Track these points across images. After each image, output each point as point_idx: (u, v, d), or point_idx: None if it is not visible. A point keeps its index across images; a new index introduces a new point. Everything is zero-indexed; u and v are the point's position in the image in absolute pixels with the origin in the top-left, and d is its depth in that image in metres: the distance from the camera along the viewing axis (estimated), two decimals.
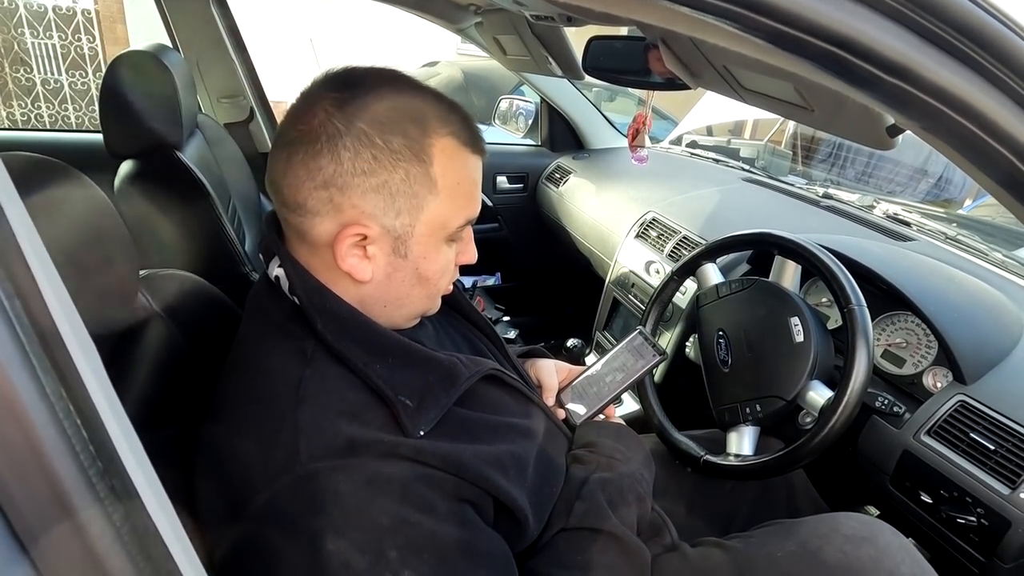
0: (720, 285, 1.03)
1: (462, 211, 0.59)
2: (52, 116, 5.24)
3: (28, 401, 0.21)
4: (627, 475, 0.70)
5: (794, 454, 0.82)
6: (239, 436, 0.53)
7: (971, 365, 0.88)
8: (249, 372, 0.57)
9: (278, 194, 0.57)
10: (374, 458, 0.51)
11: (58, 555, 0.23)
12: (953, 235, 1.27)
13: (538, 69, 1.33)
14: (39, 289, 0.24)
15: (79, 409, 0.23)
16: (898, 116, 0.44)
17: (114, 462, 0.24)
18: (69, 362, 0.23)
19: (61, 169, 0.55)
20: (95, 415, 0.23)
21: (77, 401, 0.23)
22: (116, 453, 0.24)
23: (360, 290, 0.58)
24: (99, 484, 0.22)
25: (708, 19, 0.35)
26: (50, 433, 0.22)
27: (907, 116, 0.44)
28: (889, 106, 0.43)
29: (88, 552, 0.23)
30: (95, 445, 0.23)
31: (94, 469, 0.22)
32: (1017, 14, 0.41)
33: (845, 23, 0.36)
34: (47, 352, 0.23)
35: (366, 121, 0.53)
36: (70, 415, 0.23)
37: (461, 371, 0.59)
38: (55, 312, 0.24)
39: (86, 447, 0.22)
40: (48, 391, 0.22)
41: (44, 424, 0.21)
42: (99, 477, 0.22)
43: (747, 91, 0.76)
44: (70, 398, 0.23)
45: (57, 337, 0.23)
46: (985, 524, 0.78)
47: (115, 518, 0.22)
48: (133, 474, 0.24)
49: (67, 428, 0.22)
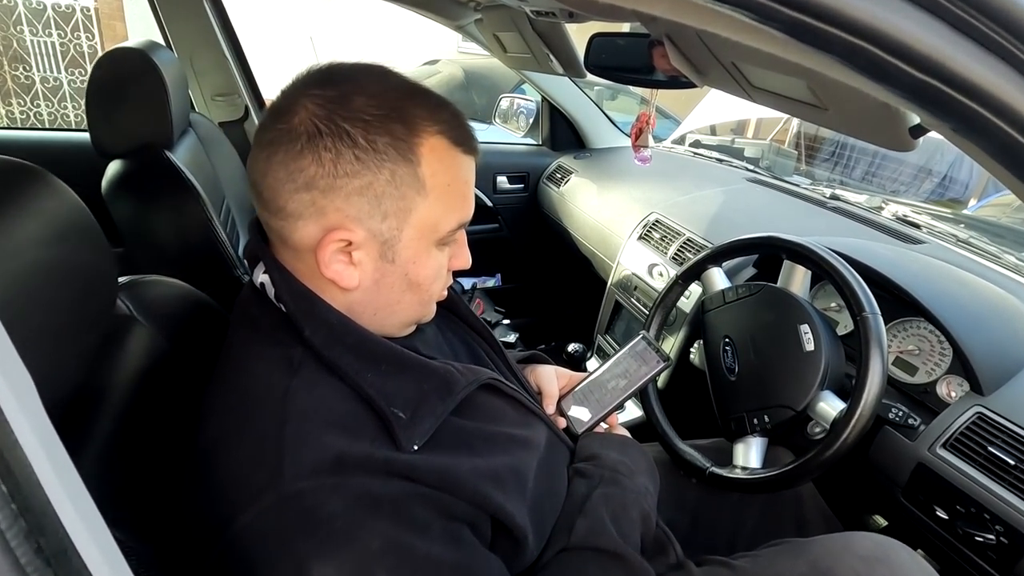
0: (726, 290, 1.00)
1: (454, 214, 0.56)
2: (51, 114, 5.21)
3: None
4: (632, 490, 0.67)
5: (803, 468, 0.79)
6: (222, 452, 0.50)
7: (988, 375, 0.84)
8: (234, 383, 0.55)
9: (258, 197, 0.54)
10: (364, 475, 0.48)
11: None
12: (964, 237, 1.24)
13: (539, 67, 1.30)
14: None
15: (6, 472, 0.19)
16: (926, 116, 0.40)
17: (46, 518, 0.20)
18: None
19: (32, 172, 0.52)
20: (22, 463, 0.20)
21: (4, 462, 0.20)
22: (50, 507, 0.21)
23: (348, 297, 0.55)
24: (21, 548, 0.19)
25: (720, 8, 0.32)
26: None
27: (936, 117, 0.40)
28: (917, 105, 0.39)
29: None
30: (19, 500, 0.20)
31: (15, 529, 0.19)
32: None
33: (872, 13, 0.33)
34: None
35: (349, 120, 0.49)
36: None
37: (457, 380, 0.56)
38: None
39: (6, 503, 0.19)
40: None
41: None
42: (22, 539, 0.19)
43: (756, 89, 0.72)
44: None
45: None
46: (1004, 542, 0.75)
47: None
48: (73, 530, 0.21)
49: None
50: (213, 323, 0.73)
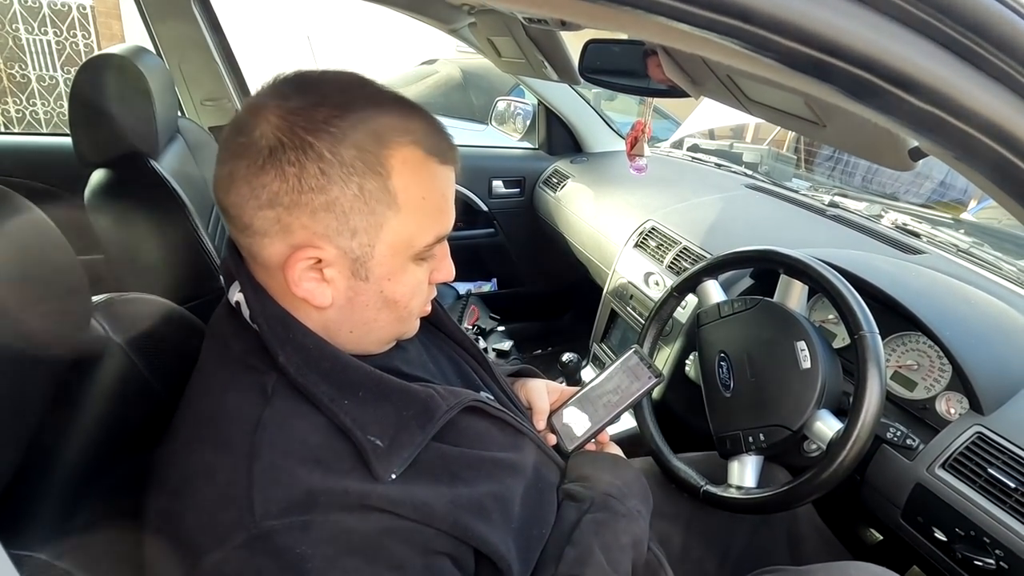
0: (722, 304, 0.98)
1: (429, 228, 0.53)
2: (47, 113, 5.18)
3: None
4: (623, 515, 0.65)
5: (799, 490, 0.77)
6: (189, 489, 0.48)
7: (989, 394, 0.83)
8: (203, 412, 0.53)
9: (224, 213, 0.52)
10: (338, 511, 0.46)
11: None
12: (965, 247, 1.22)
13: (533, 72, 1.27)
14: None
15: None
16: (927, 144, 0.38)
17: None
18: None
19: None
20: None
21: None
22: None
23: (322, 315, 0.53)
24: None
25: (712, 37, 0.30)
26: None
27: (938, 144, 0.38)
28: (919, 133, 0.38)
29: None
30: None
31: None
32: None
33: (873, 42, 0.31)
34: None
35: (313, 132, 0.47)
36: None
37: (438, 404, 0.54)
38: None
39: None
40: None
41: None
42: None
43: (753, 102, 0.71)
44: None
45: None
46: (1005, 568, 0.73)
47: None
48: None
49: None
50: (192, 341, 0.71)
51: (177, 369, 0.66)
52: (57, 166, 1.20)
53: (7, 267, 0.49)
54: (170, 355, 0.67)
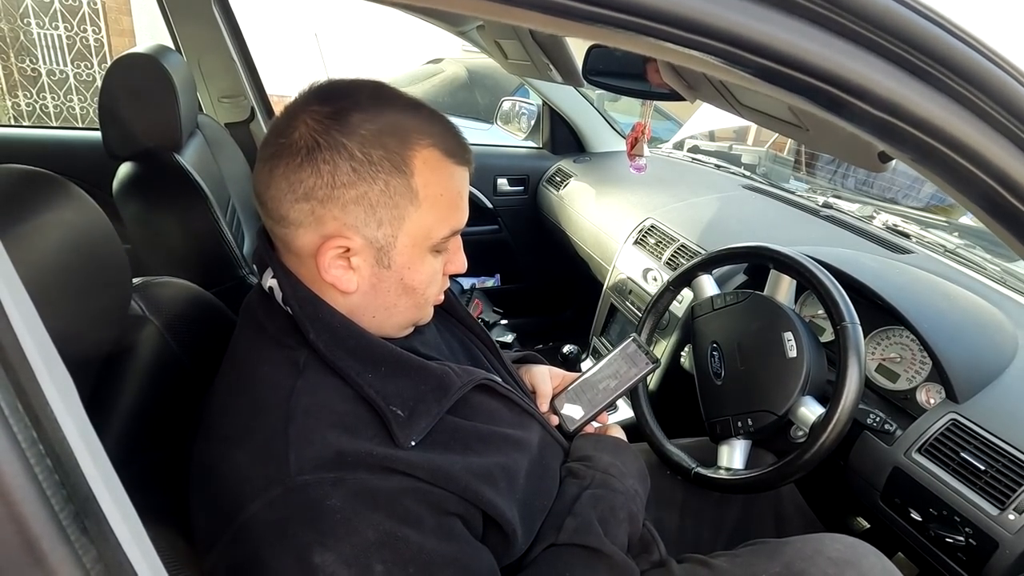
0: (715, 297, 1.03)
1: (445, 222, 0.59)
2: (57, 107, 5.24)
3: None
4: (621, 492, 0.69)
5: (783, 470, 0.82)
6: (231, 448, 0.54)
7: (963, 384, 0.88)
8: (241, 383, 0.58)
9: (263, 206, 0.57)
10: (364, 471, 0.52)
11: None
12: (952, 248, 1.27)
13: (539, 74, 1.32)
14: (7, 319, 0.23)
15: (51, 450, 0.23)
16: (888, 148, 0.43)
17: (89, 502, 0.24)
18: (42, 400, 0.24)
19: (52, 181, 0.55)
20: (69, 455, 0.24)
21: (49, 442, 0.23)
22: (91, 493, 0.24)
23: (348, 300, 0.59)
24: (71, 527, 0.22)
25: (693, 53, 0.35)
26: (13, 470, 0.22)
27: (897, 148, 0.44)
28: (879, 138, 0.43)
29: None
30: (68, 487, 0.23)
31: (67, 512, 0.23)
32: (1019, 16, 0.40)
33: (832, 59, 0.36)
34: (17, 391, 0.23)
35: (346, 134, 0.53)
36: (40, 454, 0.23)
37: (453, 380, 0.59)
38: (21, 335, 0.24)
39: (59, 489, 0.23)
40: (16, 432, 0.22)
41: (12, 467, 0.22)
42: (72, 520, 0.23)
43: (744, 107, 0.76)
44: (41, 439, 0.23)
45: (24, 363, 0.23)
46: (973, 544, 0.78)
47: (86, 560, 0.23)
48: (109, 514, 0.24)
49: (38, 471, 0.22)
50: (219, 323, 0.76)
51: (205, 347, 0.72)
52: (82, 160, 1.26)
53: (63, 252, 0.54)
54: (198, 335, 0.73)
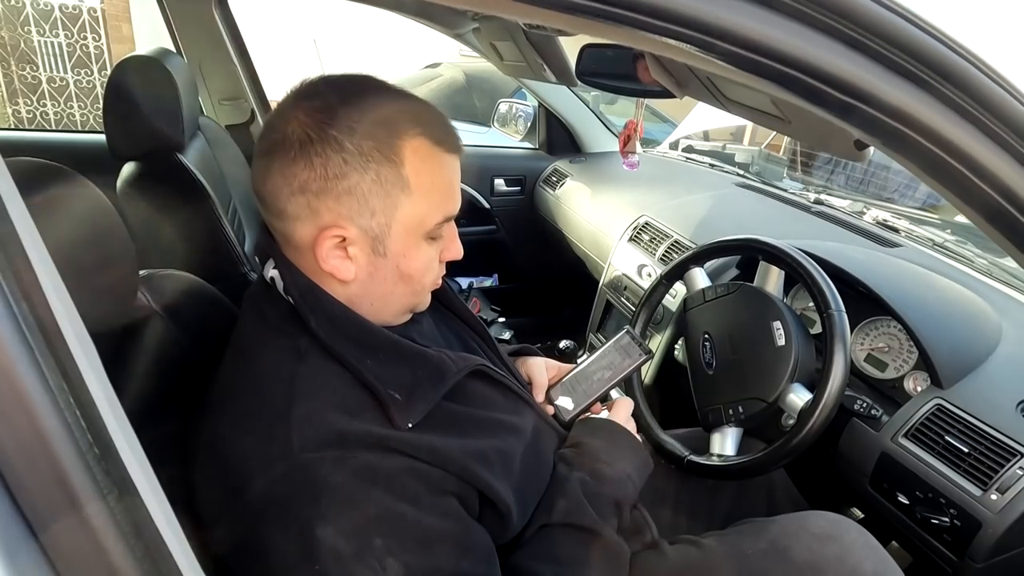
0: (707, 289, 1.06)
1: (438, 209, 0.60)
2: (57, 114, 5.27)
3: (34, 394, 0.24)
4: (610, 479, 0.71)
5: (773, 455, 0.85)
6: (236, 429, 0.56)
7: (948, 370, 0.90)
8: (245, 369, 0.60)
9: (262, 202, 0.59)
10: (364, 450, 0.53)
11: (60, 533, 0.25)
12: (940, 242, 1.29)
13: (533, 75, 1.35)
14: (43, 291, 0.26)
15: (79, 401, 0.25)
16: (858, 132, 0.46)
17: (110, 449, 0.26)
18: (70, 359, 0.26)
19: (64, 173, 0.57)
20: (93, 407, 0.26)
21: (77, 394, 0.25)
22: (112, 441, 0.26)
23: (347, 289, 0.61)
24: (96, 468, 0.25)
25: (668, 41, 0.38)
26: (53, 423, 0.24)
27: (867, 133, 0.46)
28: (850, 124, 0.45)
29: (87, 533, 0.25)
30: (93, 434, 0.25)
31: (91, 455, 0.25)
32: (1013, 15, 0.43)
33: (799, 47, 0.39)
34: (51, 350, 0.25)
35: (336, 127, 0.55)
36: (71, 407, 0.25)
37: (449, 366, 0.61)
38: (58, 313, 0.26)
39: (84, 435, 0.25)
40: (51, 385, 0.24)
41: (48, 414, 0.24)
42: (96, 462, 0.25)
43: (730, 102, 0.78)
44: (71, 391, 0.25)
45: (60, 336, 0.26)
46: (958, 525, 0.80)
47: (110, 499, 0.25)
48: (127, 460, 0.27)
49: (68, 418, 0.25)
50: (221, 314, 0.78)
51: (206, 338, 0.74)
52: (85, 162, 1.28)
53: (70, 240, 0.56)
54: (200, 325, 0.75)
